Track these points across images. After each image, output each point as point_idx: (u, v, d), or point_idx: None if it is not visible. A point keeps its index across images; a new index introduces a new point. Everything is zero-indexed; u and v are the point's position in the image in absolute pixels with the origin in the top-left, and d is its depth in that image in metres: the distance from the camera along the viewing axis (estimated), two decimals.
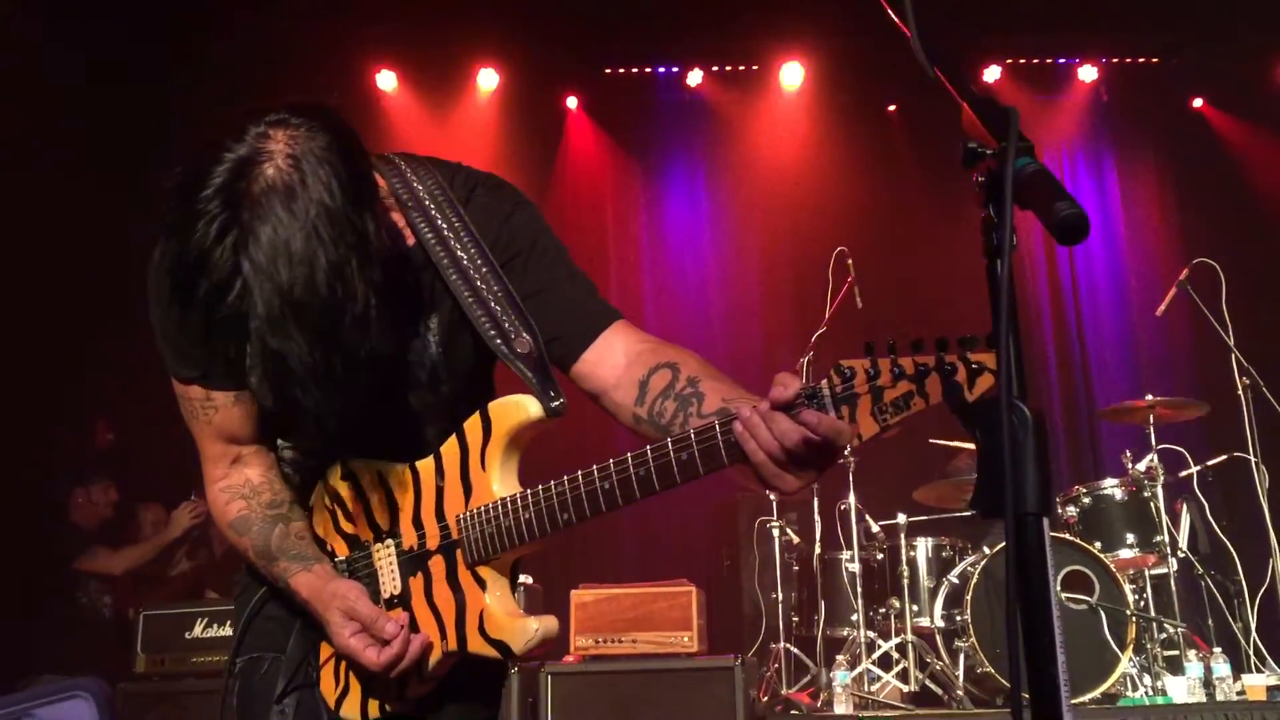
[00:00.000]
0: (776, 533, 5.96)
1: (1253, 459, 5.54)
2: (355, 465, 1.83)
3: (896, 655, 5.41)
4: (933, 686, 5.24)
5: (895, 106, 8.42)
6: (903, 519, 5.67)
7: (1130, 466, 5.44)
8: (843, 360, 1.40)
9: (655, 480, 1.53)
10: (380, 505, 1.82)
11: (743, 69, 8.36)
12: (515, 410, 1.71)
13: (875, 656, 5.36)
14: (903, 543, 5.60)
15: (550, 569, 5.79)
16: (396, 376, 1.78)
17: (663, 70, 8.36)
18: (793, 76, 8.25)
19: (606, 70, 8.34)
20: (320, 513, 1.87)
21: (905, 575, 5.51)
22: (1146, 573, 5.28)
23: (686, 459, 1.50)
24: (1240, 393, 5.66)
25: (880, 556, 5.78)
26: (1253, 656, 5.31)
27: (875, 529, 5.86)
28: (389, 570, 1.81)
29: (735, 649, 5.10)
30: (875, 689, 5.24)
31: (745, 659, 4.70)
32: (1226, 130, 8.37)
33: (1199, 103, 8.43)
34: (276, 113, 1.53)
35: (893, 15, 1.36)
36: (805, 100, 8.30)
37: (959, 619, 5.10)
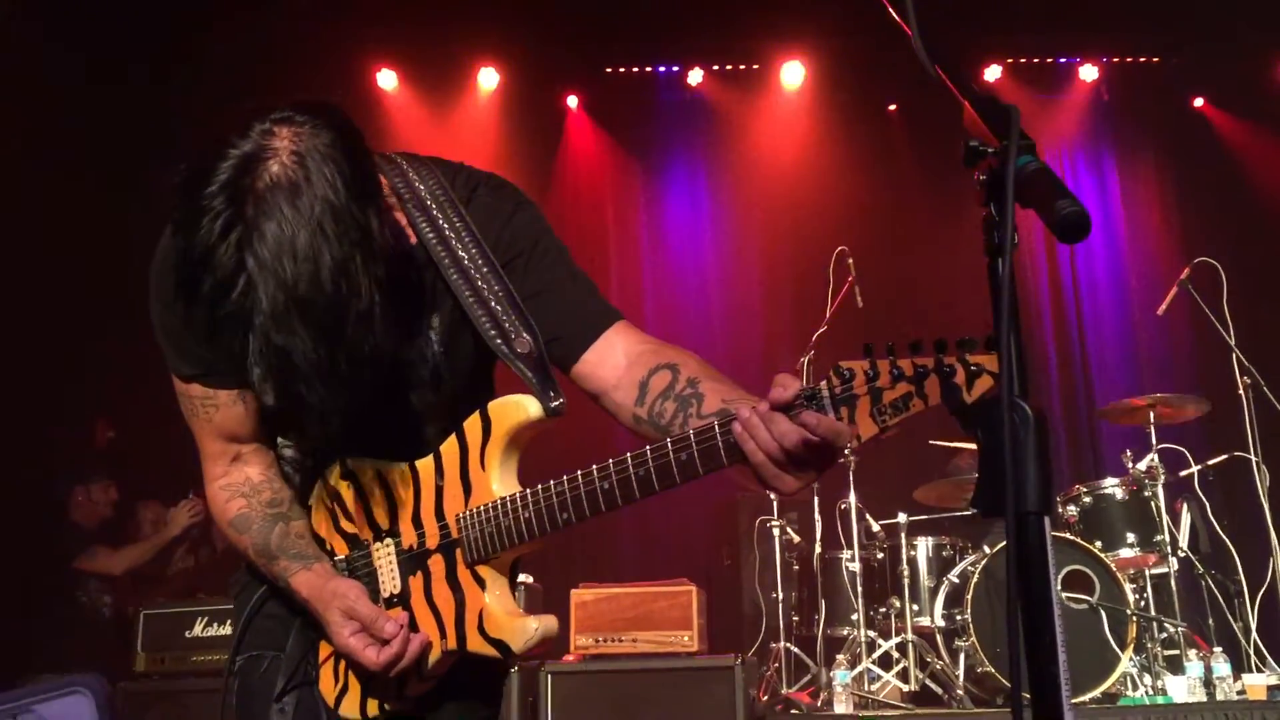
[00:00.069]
0: (777, 532, 5.96)
1: (1253, 458, 5.54)
2: (355, 464, 1.83)
3: (897, 655, 5.40)
4: (933, 686, 5.24)
5: (896, 106, 8.42)
6: (903, 518, 5.66)
7: (1131, 466, 5.44)
8: (842, 362, 1.40)
9: (655, 480, 1.54)
10: (380, 504, 1.82)
11: (743, 68, 8.36)
12: (515, 410, 1.71)
13: (875, 656, 5.36)
14: (903, 542, 5.60)
15: (550, 568, 5.79)
16: (398, 375, 1.77)
17: (663, 69, 8.36)
18: (793, 76, 8.25)
19: (607, 69, 8.34)
20: (320, 512, 1.87)
21: (905, 574, 5.50)
22: (1147, 572, 5.28)
23: (686, 459, 1.51)
24: (1241, 392, 5.66)
25: (880, 556, 5.78)
26: (1253, 656, 5.31)
27: (875, 528, 5.86)
28: (388, 569, 1.81)
29: (735, 648, 5.10)
30: (875, 688, 5.24)
31: (745, 658, 4.70)
32: (1227, 130, 8.36)
33: (1200, 102, 8.43)
34: (281, 110, 1.53)
35: (894, 14, 1.36)
36: (806, 100, 8.30)
37: (959, 618, 5.10)
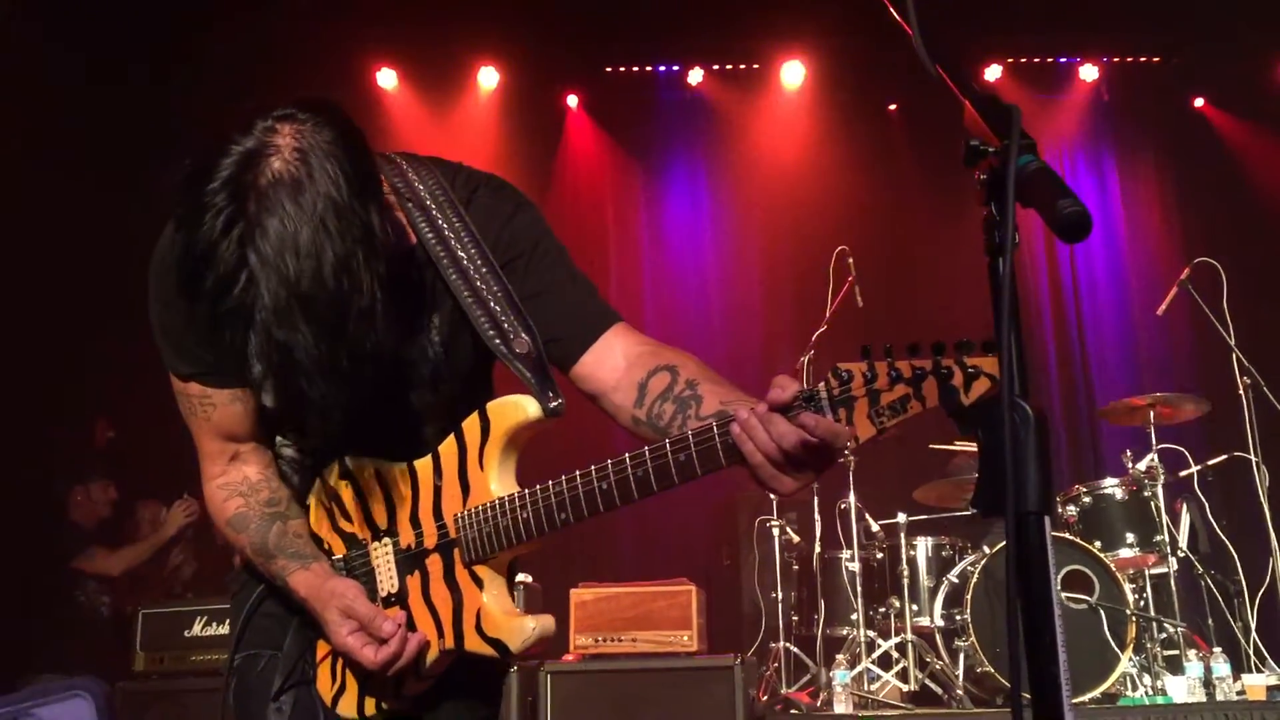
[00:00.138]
0: (776, 532, 5.96)
1: (1253, 459, 5.53)
2: (353, 464, 1.83)
3: (896, 655, 5.40)
4: (932, 686, 5.24)
5: (896, 106, 8.41)
6: (903, 518, 5.66)
7: (1130, 466, 5.44)
8: (840, 363, 1.41)
9: (653, 481, 1.54)
10: (378, 504, 1.82)
11: (743, 68, 8.35)
12: (514, 410, 1.72)
13: (875, 656, 5.35)
14: (903, 542, 5.59)
15: (550, 568, 5.78)
16: (398, 374, 1.78)
17: (663, 69, 8.35)
18: (793, 75, 8.25)
19: (607, 69, 8.33)
20: (318, 511, 1.88)
21: (905, 574, 5.50)
22: (1146, 572, 5.28)
23: (684, 460, 1.51)
24: (1241, 392, 5.66)
25: (880, 556, 5.78)
26: (1252, 656, 5.31)
27: (875, 528, 5.85)
28: (386, 569, 1.81)
29: (735, 648, 5.09)
30: (875, 688, 5.24)
31: (745, 658, 4.70)
32: (1227, 130, 8.36)
33: (1200, 102, 8.42)
34: (283, 108, 1.54)
35: (894, 14, 1.36)
36: (806, 99, 8.29)
37: (959, 618, 5.09)
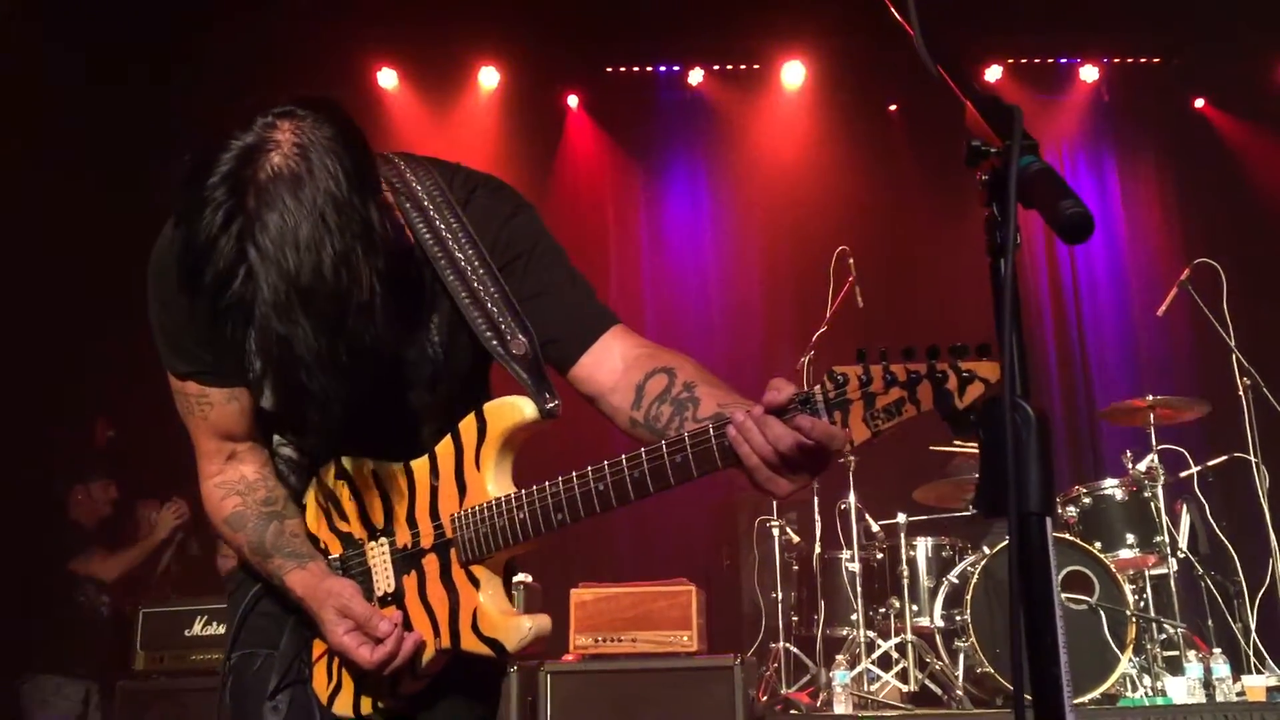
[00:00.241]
0: (776, 532, 5.96)
1: (1253, 459, 5.53)
2: (350, 464, 1.84)
3: (896, 655, 5.40)
4: (932, 686, 5.24)
5: (896, 106, 8.41)
6: (903, 518, 5.66)
7: (1130, 467, 5.44)
8: (836, 366, 1.42)
9: (649, 483, 1.55)
10: (374, 504, 1.82)
11: (744, 68, 8.35)
12: (510, 411, 1.73)
13: (875, 656, 5.35)
14: (903, 542, 5.59)
15: (550, 568, 5.78)
16: (397, 374, 1.78)
17: (664, 69, 8.35)
18: (794, 76, 8.24)
19: (607, 69, 8.33)
20: (315, 510, 1.88)
21: (905, 575, 5.50)
22: (1146, 573, 5.28)
23: (680, 462, 1.52)
24: (1241, 393, 5.66)
25: (880, 556, 5.77)
26: (1252, 657, 5.30)
27: (875, 528, 5.85)
28: (383, 568, 1.81)
29: (735, 648, 5.09)
30: (875, 689, 5.24)
31: (745, 658, 4.70)
32: (1228, 130, 8.35)
33: (1200, 103, 8.41)
34: (283, 105, 1.55)
35: (895, 14, 1.36)
36: (806, 100, 8.29)
37: (959, 619, 5.09)
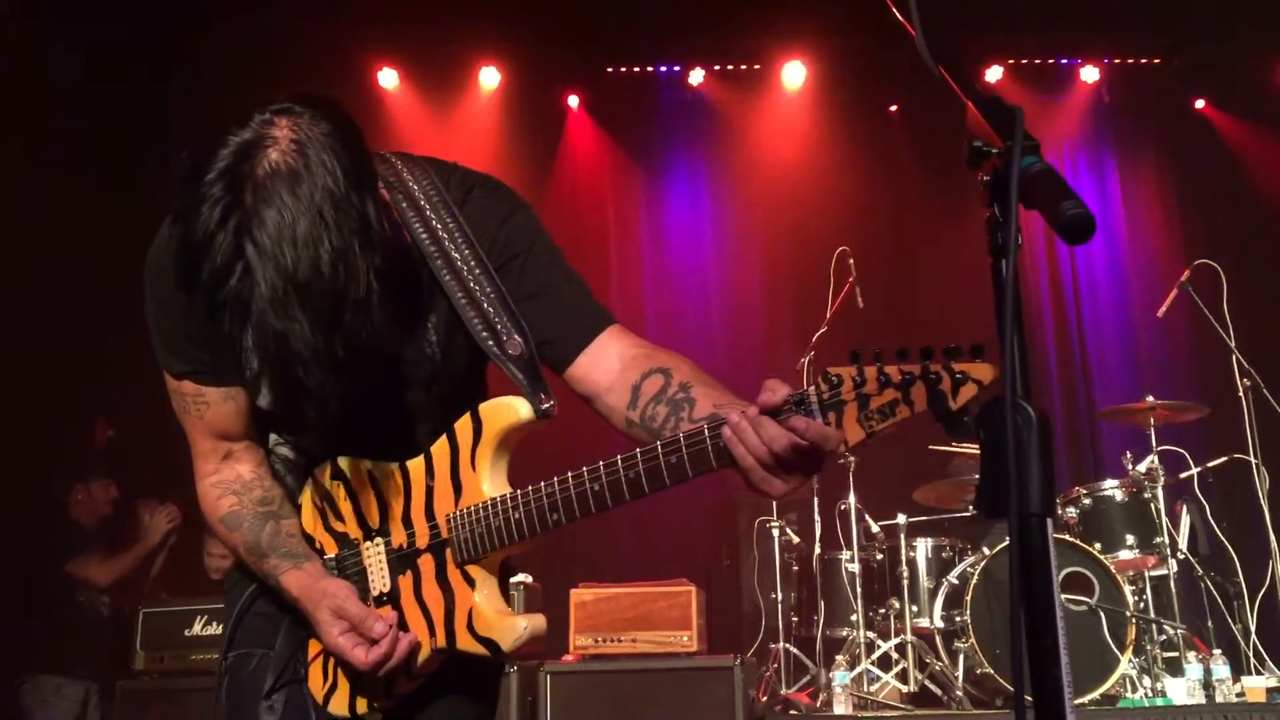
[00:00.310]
0: (776, 532, 5.95)
1: (1253, 460, 5.53)
2: (345, 464, 1.84)
3: (896, 656, 5.40)
4: (932, 687, 5.23)
5: (897, 106, 8.39)
6: (902, 519, 5.66)
7: (1130, 468, 5.43)
8: (830, 367, 1.43)
9: (644, 483, 1.55)
10: (370, 504, 1.83)
11: (744, 68, 8.34)
12: (506, 412, 1.73)
13: (875, 657, 5.35)
14: (902, 543, 5.59)
15: (550, 568, 5.78)
16: (394, 373, 1.78)
17: (664, 69, 8.34)
18: (794, 76, 8.23)
19: (608, 69, 8.32)
20: (310, 510, 1.88)
21: (905, 576, 5.50)
22: (1146, 574, 5.27)
23: (675, 462, 1.53)
24: (1241, 394, 5.65)
25: (880, 557, 5.77)
26: (1252, 658, 5.30)
27: (875, 529, 5.85)
28: (378, 568, 1.82)
29: (735, 649, 5.09)
30: (874, 689, 5.24)
31: (745, 659, 4.70)
32: (1228, 131, 8.34)
33: (1201, 104, 8.40)
34: (280, 102, 1.55)
35: (897, 14, 1.36)
36: (807, 100, 8.28)
37: (958, 620, 5.09)
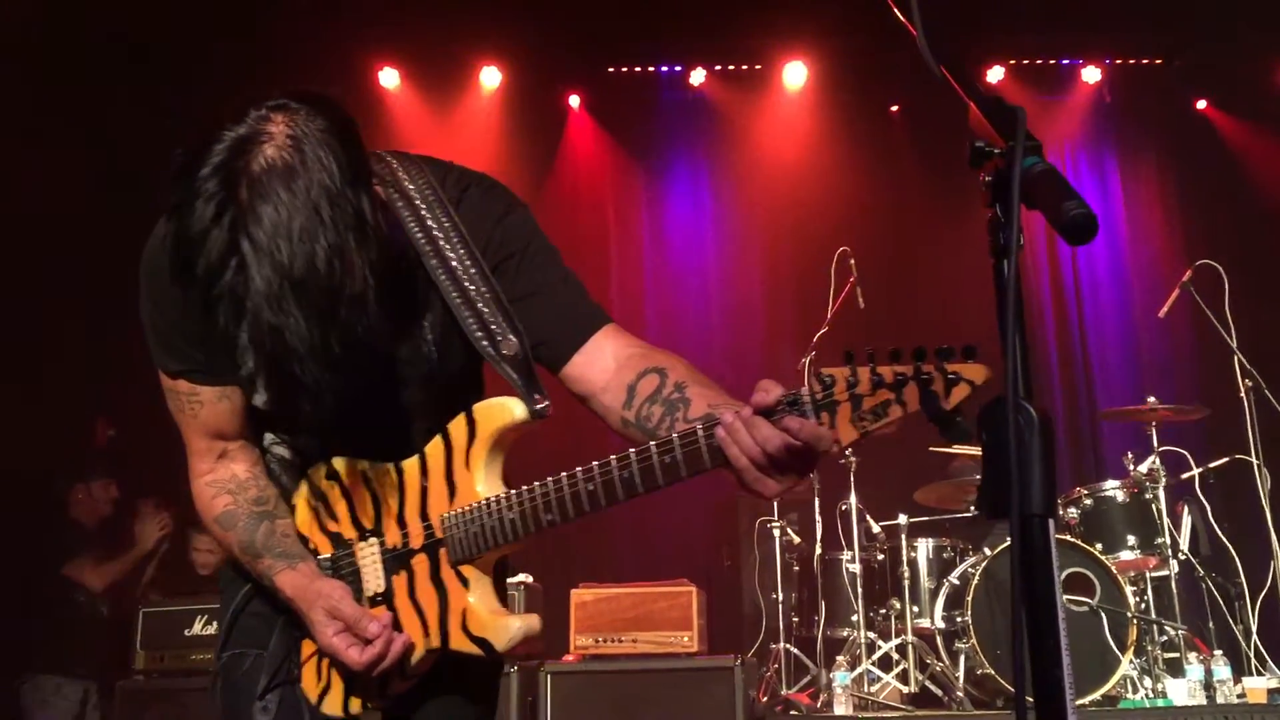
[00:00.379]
0: (777, 533, 5.95)
1: (1254, 461, 5.53)
2: (340, 464, 1.84)
3: (897, 656, 5.40)
4: (933, 688, 5.23)
5: (898, 107, 8.38)
6: (903, 520, 5.65)
7: (1132, 468, 5.43)
8: (824, 368, 1.43)
9: (638, 483, 1.56)
10: (364, 504, 1.83)
11: (746, 68, 8.33)
12: (500, 412, 1.73)
13: (875, 657, 5.35)
14: (903, 543, 5.58)
15: (551, 568, 5.78)
16: (390, 371, 1.78)
17: (665, 69, 8.33)
18: (796, 76, 8.22)
19: (609, 69, 8.31)
20: (305, 511, 1.88)
21: (906, 576, 5.49)
22: (1147, 575, 5.27)
23: (669, 462, 1.53)
24: (1242, 395, 5.65)
25: (881, 557, 5.77)
26: (1253, 659, 5.30)
27: (876, 529, 5.85)
28: (372, 568, 1.82)
29: (735, 649, 5.09)
30: (875, 690, 5.23)
31: (745, 659, 4.70)
32: (1230, 131, 8.32)
33: (1202, 104, 8.39)
34: (276, 98, 1.55)
35: (898, 14, 1.36)
36: (808, 100, 8.27)
37: (959, 620, 5.08)
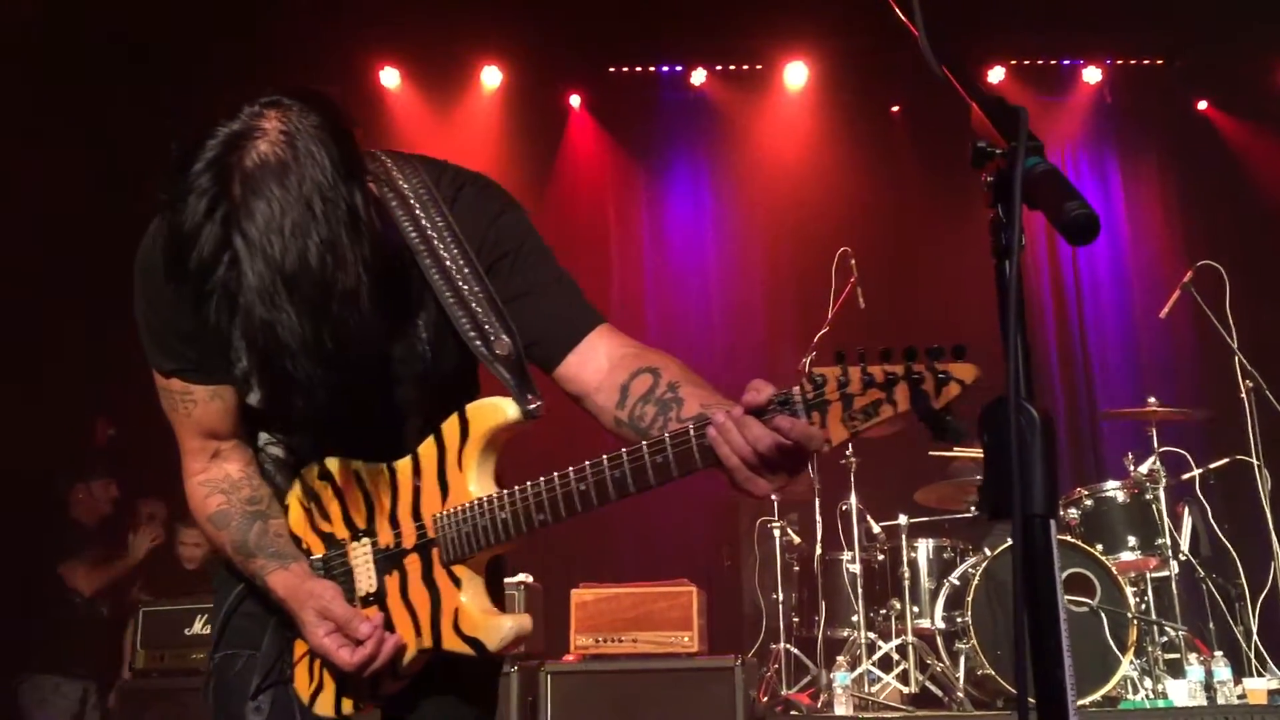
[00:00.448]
0: (777, 533, 5.95)
1: (1255, 462, 5.52)
2: (333, 464, 1.84)
3: (897, 657, 5.39)
4: (933, 688, 5.23)
5: (899, 107, 8.37)
6: (904, 520, 5.65)
7: (1132, 469, 5.43)
8: (815, 367, 1.44)
9: (630, 482, 1.56)
10: (357, 504, 1.83)
11: (746, 69, 8.32)
12: (493, 412, 1.73)
13: (875, 658, 5.35)
14: (904, 544, 5.58)
15: (551, 568, 5.78)
16: (384, 369, 1.78)
17: (666, 69, 8.32)
18: (796, 76, 8.21)
19: (610, 69, 8.30)
20: (297, 511, 1.88)
21: (906, 576, 5.49)
22: (1148, 575, 5.27)
23: (661, 462, 1.53)
24: (1243, 395, 5.64)
25: (881, 557, 5.77)
26: (1254, 660, 5.29)
27: (876, 530, 5.85)
28: (365, 568, 1.82)
29: (735, 649, 5.09)
30: (875, 690, 5.23)
31: (745, 659, 4.70)
32: (1231, 132, 8.31)
33: (1203, 105, 8.37)
34: (270, 95, 1.55)
35: (900, 14, 1.35)
36: (809, 100, 8.27)
37: (960, 620, 5.08)
